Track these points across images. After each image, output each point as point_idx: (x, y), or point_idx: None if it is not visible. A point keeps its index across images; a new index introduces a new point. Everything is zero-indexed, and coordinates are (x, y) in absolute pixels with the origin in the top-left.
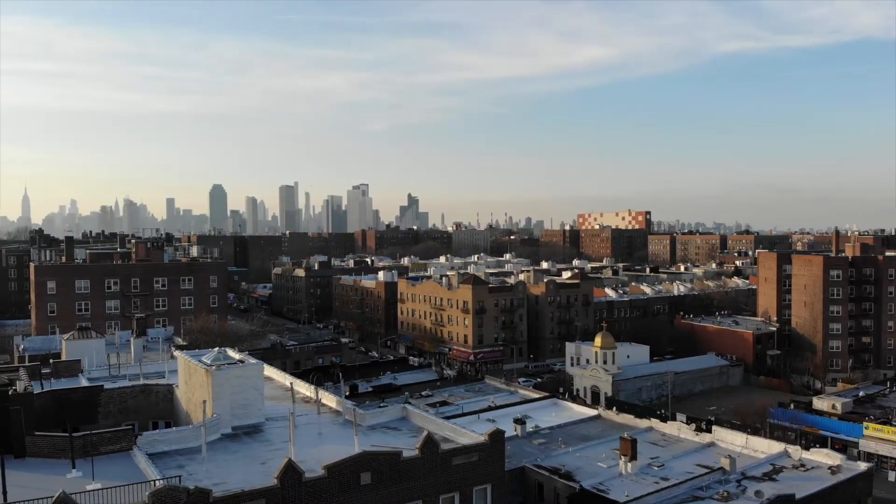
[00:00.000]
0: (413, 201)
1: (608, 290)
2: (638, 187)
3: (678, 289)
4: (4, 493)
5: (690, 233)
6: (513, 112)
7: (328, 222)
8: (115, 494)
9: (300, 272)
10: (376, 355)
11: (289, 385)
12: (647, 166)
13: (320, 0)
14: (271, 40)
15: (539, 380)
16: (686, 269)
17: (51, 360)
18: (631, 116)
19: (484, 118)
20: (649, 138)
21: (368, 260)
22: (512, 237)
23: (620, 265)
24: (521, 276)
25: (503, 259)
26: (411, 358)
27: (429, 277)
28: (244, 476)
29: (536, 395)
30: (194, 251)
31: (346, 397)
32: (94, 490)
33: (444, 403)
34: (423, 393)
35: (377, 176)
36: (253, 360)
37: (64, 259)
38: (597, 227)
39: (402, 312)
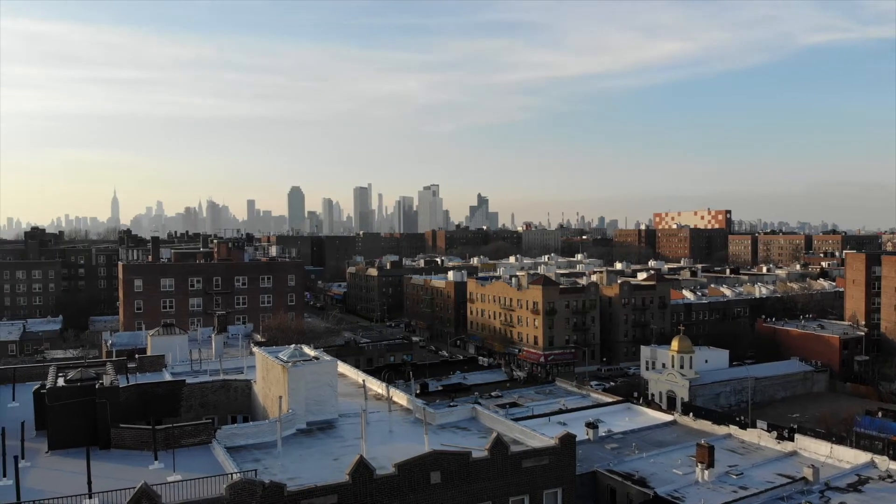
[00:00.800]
0: (483, 201)
1: (686, 292)
2: (717, 186)
3: (760, 291)
4: (90, 483)
5: (773, 232)
6: (588, 109)
7: (399, 222)
8: (195, 486)
9: (373, 271)
10: (446, 354)
11: (361, 382)
12: (726, 164)
13: (397, 3)
14: (350, 45)
15: (612, 384)
16: (768, 270)
17: (136, 355)
18: (710, 112)
19: (558, 116)
20: (729, 135)
21: (438, 260)
22: (584, 237)
23: (699, 266)
24: (594, 277)
25: (575, 259)
26: (480, 358)
27: (498, 278)
28: (317, 471)
29: (609, 399)
30: (273, 251)
31: (417, 395)
32: (174, 482)
33: (513, 405)
34: (492, 393)
35: (448, 176)
36: (327, 358)
37: (150, 258)
38: (674, 226)
39: (471, 312)
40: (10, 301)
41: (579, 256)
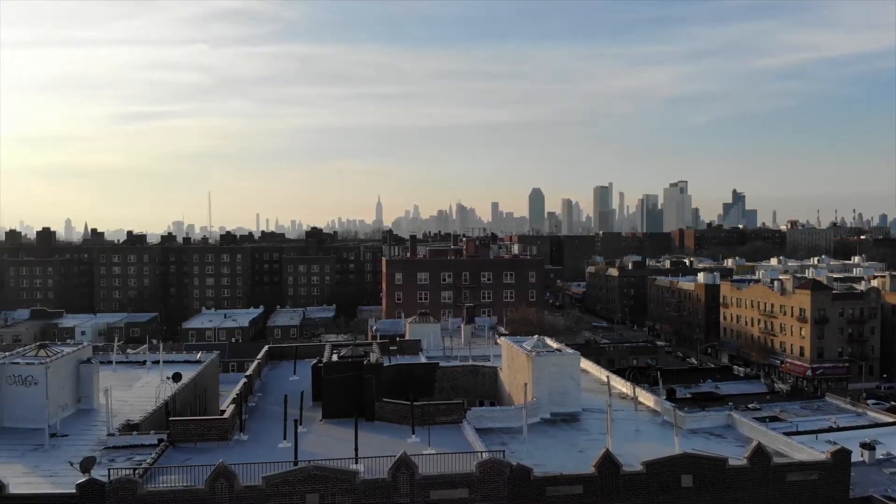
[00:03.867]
0: (738, 198)
1: None
2: None
3: None
4: (356, 449)
5: None
6: (864, 93)
7: (642, 222)
8: (448, 461)
9: (613, 271)
10: (695, 361)
11: (604, 379)
12: None
13: None
14: (593, 43)
15: (893, 403)
16: None
17: (397, 339)
18: None
19: (828, 102)
20: None
21: (686, 261)
22: (862, 237)
23: None
24: (874, 283)
25: (850, 262)
26: (735, 367)
27: (757, 281)
28: (561, 461)
29: (890, 419)
30: (515, 249)
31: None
32: (429, 455)
33: (774, 419)
34: (749, 405)
35: (697, 172)
36: (570, 351)
37: (408, 255)
38: None
39: (724, 318)
40: (293, 291)
41: (856, 259)
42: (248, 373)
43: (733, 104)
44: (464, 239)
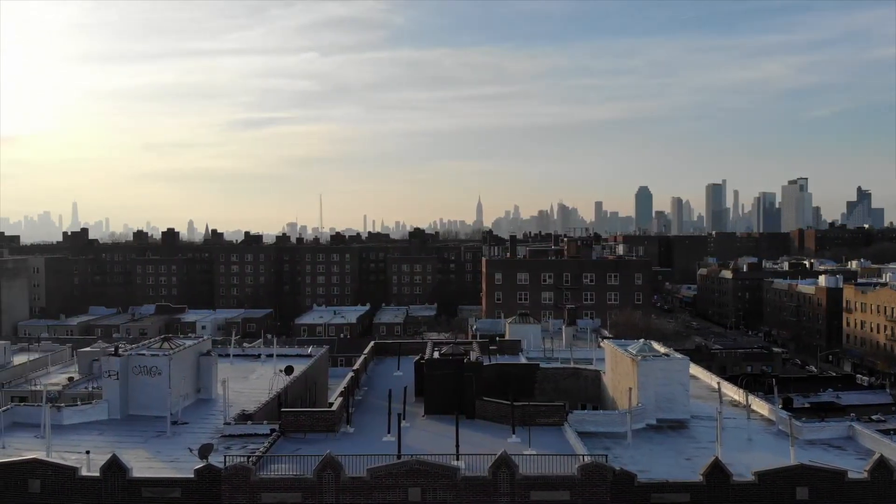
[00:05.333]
0: (863, 196)
1: None
2: None
3: None
4: (457, 446)
5: None
6: None
7: (758, 221)
8: (548, 462)
9: (727, 274)
10: (814, 370)
11: (714, 386)
12: None
13: None
14: (704, 36)
15: None
16: None
17: (496, 339)
18: None
19: None
20: None
21: (806, 263)
22: None
23: None
24: None
25: None
26: (858, 376)
27: (884, 284)
28: (667, 468)
29: None
30: (620, 249)
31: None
32: (530, 455)
33: None
34: (872, 417)
35: (818, 169)
36: (678, 356)
37: (508, 255)
38: None
39: (847, 323)
40: (396, 290)
41: None
42: (355, 367)
43: (857, 96)
44: (565, 239)
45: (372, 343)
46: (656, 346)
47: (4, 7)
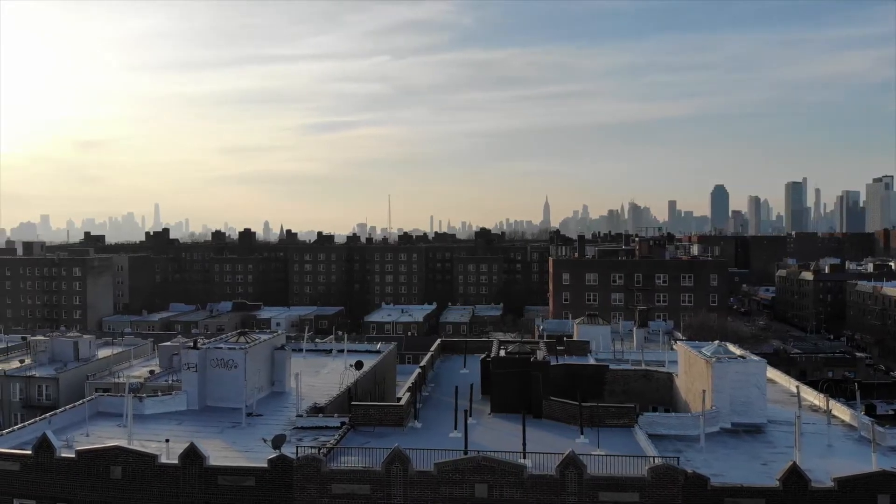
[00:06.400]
0: None
1: None
2: None
3: None
4: (524, 444)
5: None
6: None
7: (841, 221)
8: (617, 463)
9: (808, 275)
10: None
11: (793, 390)
12: None
13: None
14: (787, 29)
15: None
16: None
17: (564, 339)
18: None
19: None
20: None
21: (892, 264)
22: None
23: None
24: None
25: None
26: None
27: None
28: (742, 473)
29: None
30: (694, 250)
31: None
32: (598, 455)
33: None
34: None
35: None
36: (755, 358)
37: (576, 255)
38: None
39: None
40: (462, 289)
41: None
42: (422, 364)
43: None
44: (636, 239)
45: (439, 341)
46: (732, 348)
47: (95, 15)
